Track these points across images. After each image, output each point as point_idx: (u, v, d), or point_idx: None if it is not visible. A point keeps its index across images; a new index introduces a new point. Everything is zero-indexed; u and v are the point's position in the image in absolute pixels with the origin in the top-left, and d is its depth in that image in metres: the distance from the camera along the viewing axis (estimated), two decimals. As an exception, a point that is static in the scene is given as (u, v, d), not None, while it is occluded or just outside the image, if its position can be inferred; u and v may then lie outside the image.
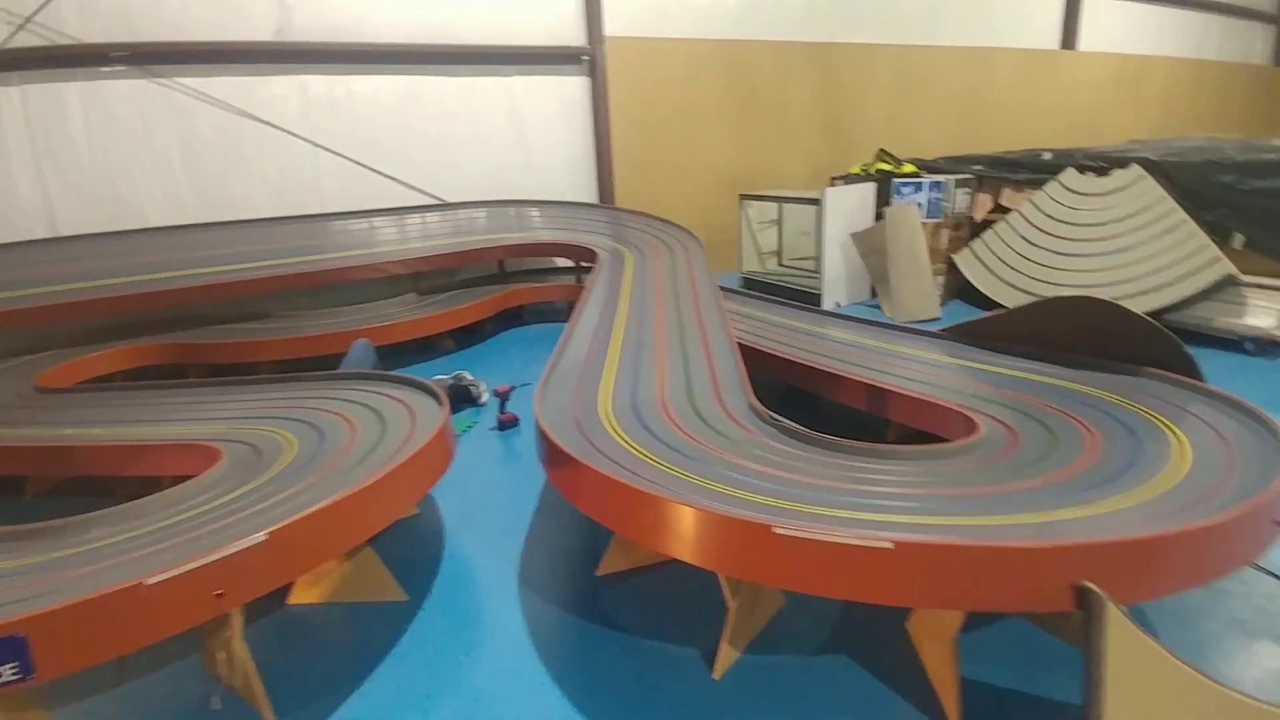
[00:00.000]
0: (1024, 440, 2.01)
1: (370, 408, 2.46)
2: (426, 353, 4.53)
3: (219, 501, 1.91)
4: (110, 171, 4.55)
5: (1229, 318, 3.88)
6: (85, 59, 4.40)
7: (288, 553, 1.53)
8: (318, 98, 5.00)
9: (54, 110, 4.39)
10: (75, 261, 4.25)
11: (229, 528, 1.65)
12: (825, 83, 6.72)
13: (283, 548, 1.48)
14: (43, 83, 4.35)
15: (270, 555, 1.45)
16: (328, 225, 5.01)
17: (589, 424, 2.04)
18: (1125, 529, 1.32)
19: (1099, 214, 4.42)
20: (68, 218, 4.50)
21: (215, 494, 1.99)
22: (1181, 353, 2.26)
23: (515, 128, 5.63)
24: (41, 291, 3.91)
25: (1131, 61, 8.97)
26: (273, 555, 1.46)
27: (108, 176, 4.55)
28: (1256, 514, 1.33)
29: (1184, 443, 1.82)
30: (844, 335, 3.37)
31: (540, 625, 1.92)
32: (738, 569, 1.38)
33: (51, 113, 4.38)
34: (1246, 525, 1.33)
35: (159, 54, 4.53)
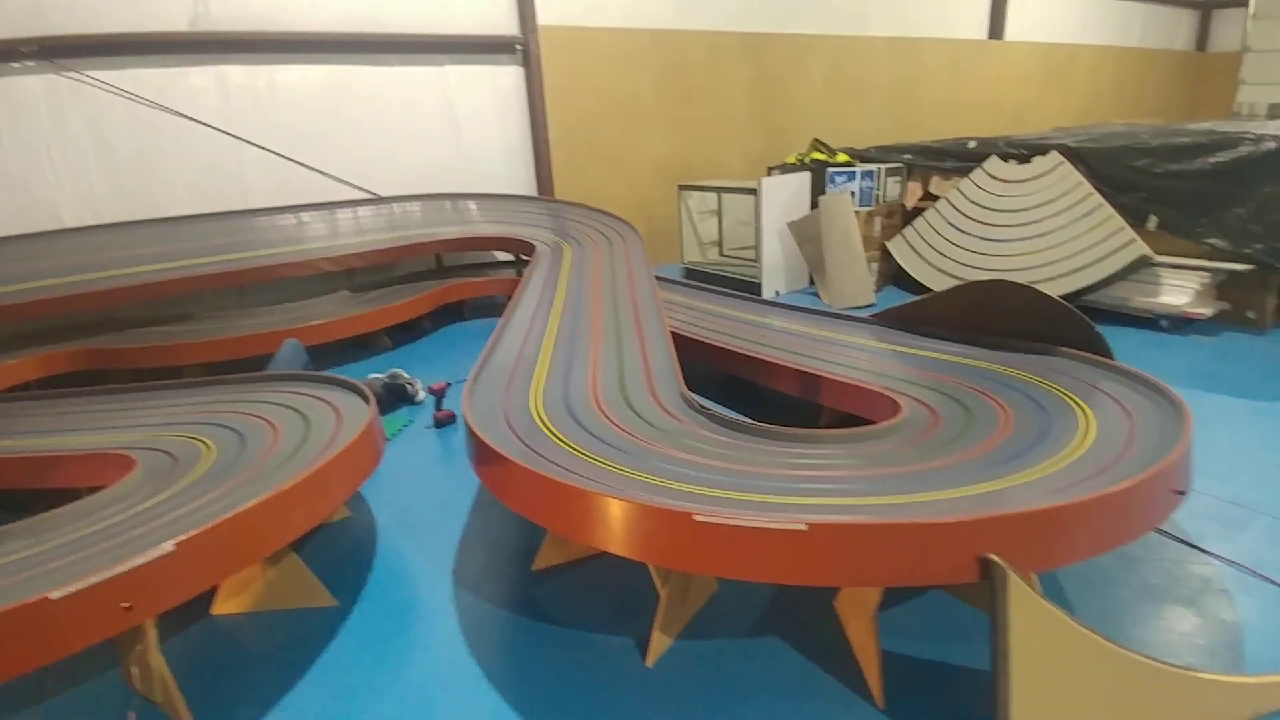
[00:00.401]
0: (943, 420, 2.07)
1: (294, 409, 2.39)
2: (362, 351, 4.42)
3: (131, 512, 1.83)
4: (22, 170, 4.30)
5: (1145, 297, 4.07)
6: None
7: (198, 563, 1.47)
8: (238, 89, 4.80)
9: (-41, 109, 4.13)
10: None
11: (139, 539, 1.58)
12: (761, 73, 6.78)
13: (192, 558, 1.42)
14: (-53, 81, 4.09)
15: (179, 566, 1.40)
16: (253, 221, 4.83)
17: (519, 420, 2.02)
18: (1026, 502, 1.38)
19: (1022, 200, 4.57)
20: (-26, 218, 4.24)
21: (128, 504, 1.90)
22: (1091, 332, 2.36)
23: (449, 119, 5.52)
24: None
25: (1057, 50, 9.31)
26: (182, 566, 1.41)
27: (19, 176, 4.30)
28: (1153, 484, 1.40)
29: (1090, 417, 1.90)
30: (779, 323, 3.41)
31: (475, 623, 1.90)
32: (662, 558, 1.38)
33: (-43, 112, 4.13)
34: (1144, 495, 1.39)
35: (69, 47, 4.29)
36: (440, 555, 2.20)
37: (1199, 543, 2.04)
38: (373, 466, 2.05)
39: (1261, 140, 3.79)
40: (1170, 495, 1.48)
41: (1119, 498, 1.34)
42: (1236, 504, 2.24)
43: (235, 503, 1.64)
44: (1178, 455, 1.48)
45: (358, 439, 1.91)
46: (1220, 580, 1.89)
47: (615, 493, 1.44)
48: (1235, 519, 2.16)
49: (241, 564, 1.66)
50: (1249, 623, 1.72)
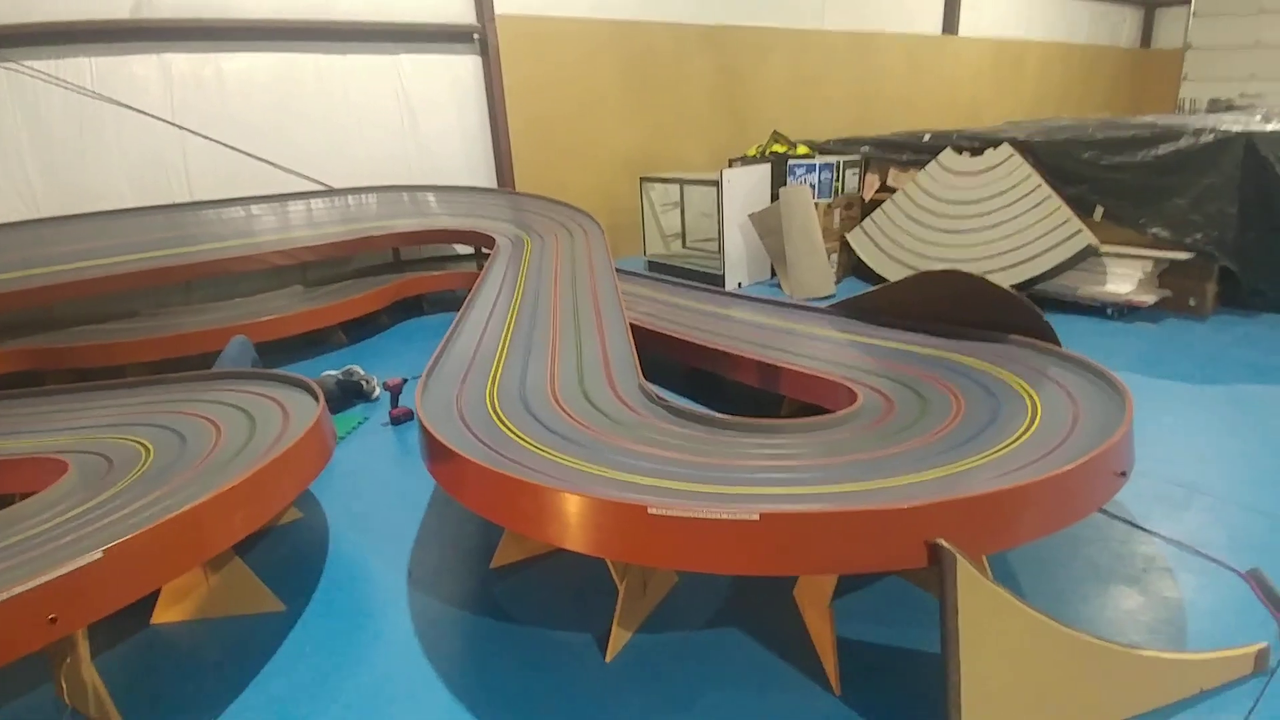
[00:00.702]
0: (898, 408, 2.10)
1: (239, 408, 2.31)
2: (316, 348, 4.32)
3: (62, 518, 1.75)
4: (-47, 165, 4.10)
5: (1092, 285, 4.17)
6: None
7: (129, 571, 1.41)
8: (183, 78, 4.63)
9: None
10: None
11: (66, 547, 1.51)
12: (723, 66, 6.78)
13: (123, 565, 1.36)
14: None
15: (108, 574, 1.34)
16: (199, 215, 4.67)
17: (474, 415, 1.99)
18: (974, 486, 1.39)
19: (975, 192, 4.65)
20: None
21: (59, 510, 1.82)
22: (1039, 320, 2.41)
23: (405, 109, 5.41)
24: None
25: (1008, 46, 9.50)
26: (111, 574, 1.34)
27: (-49, 171, 4.10)
28: (1096, 466, 1.43)
29: (1037, 402, 1.94)
30: (739, 314, 3.42)
31: (430, 624, 1.86)
32: (618, 552, 1.37)
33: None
34: (1086, 477, 1.42)
35: (5, 36, 4.08)
36: (395, 555, 2.16)
37: (1142, 522, 2.10)
38: (321, 466, 1.99)
39: (1201, 133, 3.91)
40: (1113, 477, 1.51)
41: (1063, 480, 1.37)
42: (1178, 484, 2.30)
43: (171, 507, 1.57)
44: (1119, 438, 1.51)
45: (304, 437, 1.86)
46: (1163, 559, 1.95)
47: (570, 488, 1.42)
48: (1177, 499, 2.23)
49: (175, 571, 1.59)
50: (1190, 600, 1.78)
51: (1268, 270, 3.91)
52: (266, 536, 2.30)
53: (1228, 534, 2.03)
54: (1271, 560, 1.87)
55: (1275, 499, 2.19)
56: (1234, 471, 2.38)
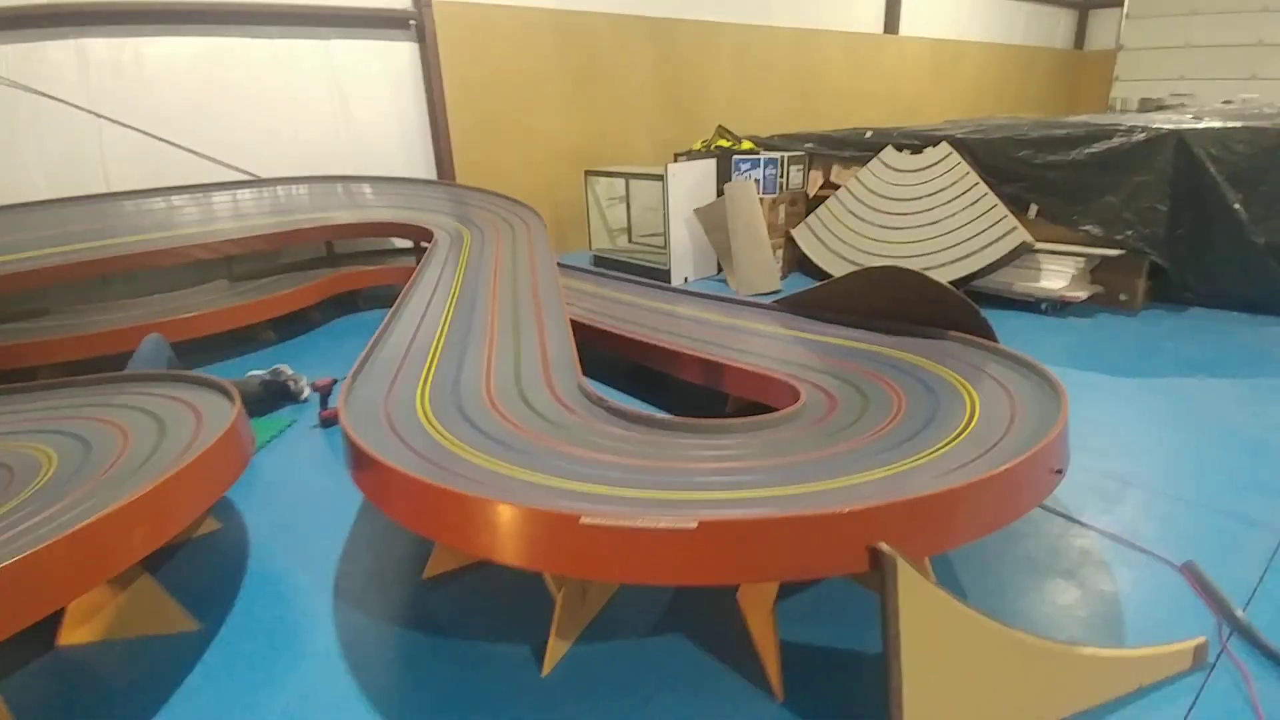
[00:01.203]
0: (840, 406, 2.08)
1: (148, 412, 2.15)
2: (242, 346, 4.11)
3: None
4: None
5: (1026, 282, 4.27)
6: None
7: (20, 593, 1.28)
8: (100, 64, 4.34)
9: None
10: None
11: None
12: (668, 58, 6.73)
13: (13, 588, 1.23)
14: None
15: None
16: (118, 206, 4.39)
17: (402, 419, 1.88)
18: (913, 488, 1.37)
19: (914, 189, 4.72)
20: None
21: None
22: (977, 316, 2.43)
23: (338, 97, 5.19)
24: None
25: (946, 46, 9.71)
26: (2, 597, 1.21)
27: None
28: (1033, 464, 1.42)
29: (975, 399, 1.94)
30: (684, 310, 3.38)
31: (356, 641, 1.76)
32: (550, 564, 1.30)
33: None
34: (1025, 475, 1.41)
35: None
36: (321, 567, 2.04)
37: (1078, 516, 2.13)
38: (236, 473, 1.86)
39: (1133, 132, 4.03)
40: (1050, 474, 1.51)
41: (1001, 480, 1.35)
42: (1112, 477, 2.35)
43: (67, 523, 1.43)
44: (1055, 436, 1.51)
45: (215, 444, 1.73)
46: (1098, 552, 1.98)
47: (498, 496, 1.34)
48: (1111, 492, 2.27)
49: (72, 593, 1.45)
50: (1127, 594, 1.80)
51: (1197, 266, 4.07)
52: (181, 550, 2.14)
53: (1162, 526, 2.08)
54: (1205, 552, 1.91)
55: (1206, 490, 2.25)
56: (1166, 463, 2.45)
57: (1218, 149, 3.91)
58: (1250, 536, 2.01)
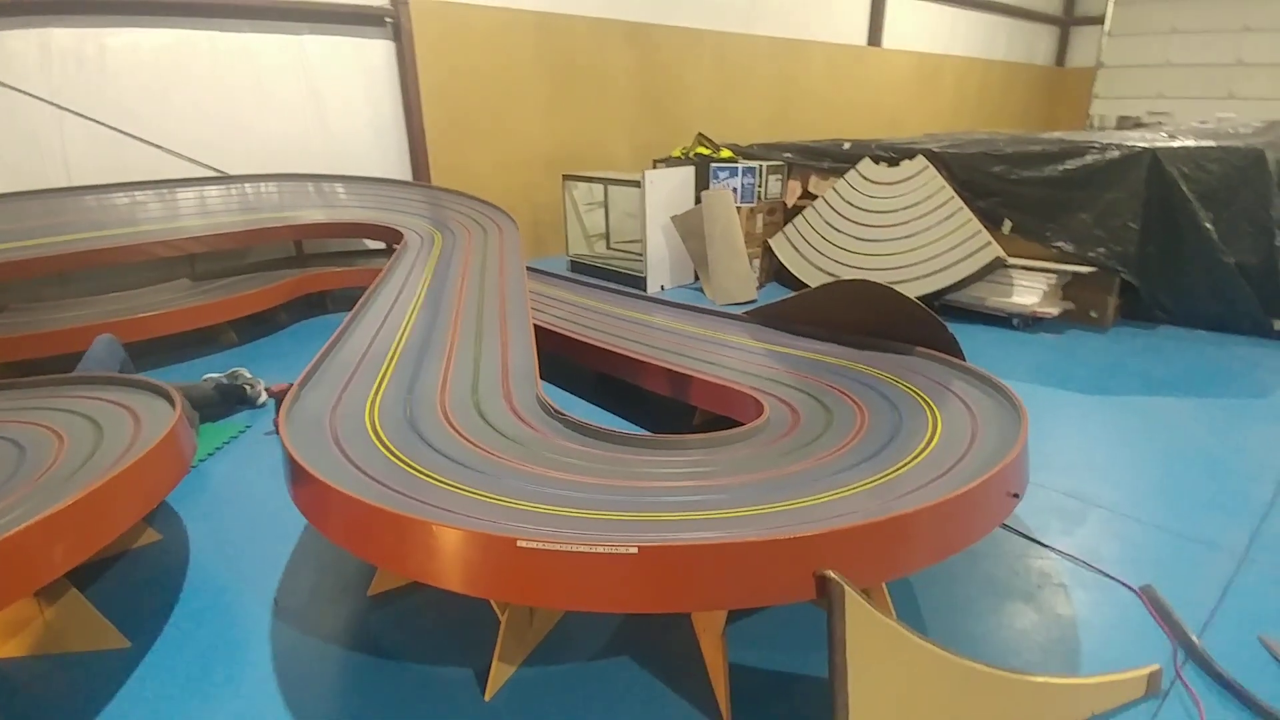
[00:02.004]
0: (803, 421, 2.04)
1: (86, 416, 2.06)
2: (203, 347, 4.01)
3: None
4: None
5: (999, 297, 4.28)
6: None
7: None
8: (63, 54, 4.22)
9: None
10: None
11: None
12: (648, 64, 6.71)
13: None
14: None
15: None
16: (79, 201, 4.27)
17: (348, 431, 1.82)
18: (864, 514, 1.33)
19: (891, 201, 4.72)
20: None
21: None
22: (944, 332, 2.40)
23: (310, 94, 5.10)
24: None
25: (928, 60, 9.79)
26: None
27: None
28: (987, 490, 1.39)
29: (938, 417, 1.91)
30: (654, 319, 3.33)
31: (294, 660, 1.69)
32: (487, 589, 1.24)
33: None
34: (978, 502, 1.38)
35: None
36: (263, 582, 1.96)
37: (1039, 536, 2.11)
38: (173, 482, 1.79)
39: (1106, 149, 4.05)
40: (1006, 498, 1.48)
41: (954, 506, 1.32)
42: (1074, 496, 2.34)
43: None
44: (1011, 460, 1.48)
45: (149, 452, 1.65)
46: (1058, 574, 1.95)
47: (437, 517, 1.28)
48: (1073, 512, 2.25)
49: None
50: (1084, 618, 1.78)
51: (1167, 284, 4.09)
52: (119, 561, 2.06)
53: (1122, 548, 2.06)
54: (1164, 576, 1.90)
55: (1169, 512, 2.24)
56: (1129, 484, 2.44)
57: (1190, 168, 3.93)
58: (1210, 559, 2.00)
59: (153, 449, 1.68)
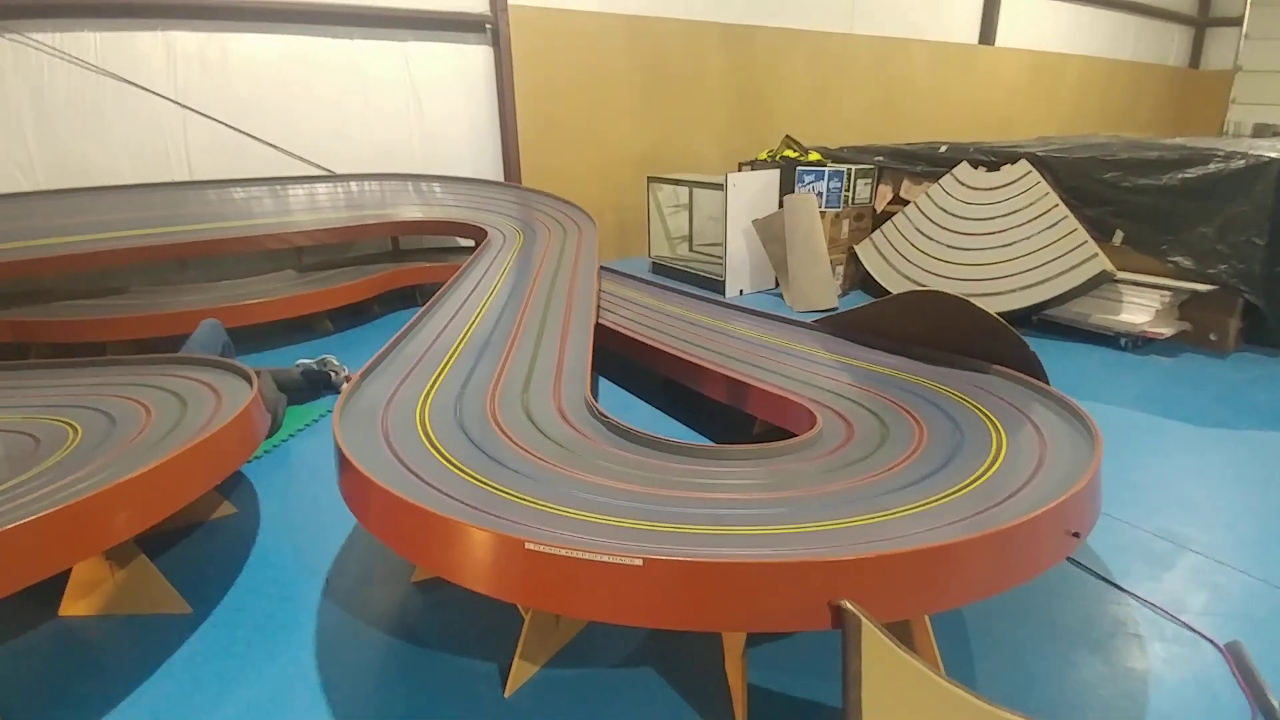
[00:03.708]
0: (857, 436, 1.94)
1: (173, 393, 2.24)
2: (301, 334, 4.27)
3: None
4: (-44, 135, 4.11)
5: (1105, 314, 3.95)
6: None
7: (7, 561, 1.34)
8: (187, 56, 4.61)
9: (-111, 68, 3.92)
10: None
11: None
12: (741, 66, 6.62)
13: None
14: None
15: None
16: (200, 194, 4.64)
17: (397, 425, 1.87)
18: (892, 542, 1.24)
19: (989, 208, 4.44)
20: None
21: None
22: (1024, 350, 2.23)
23: (412, 98, 5.34)
24: None
25: (1046, 59, 9.18)
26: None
27: (-47, 140, 4.11)
28: (1039, 526, 1.27)
29: (1003, 441, 1.78)
30: (722, 325, 3.28)
31: (333, 641, 1.75)
32: (493, 588, 1.24)
33: (-113, 71, 3.92)
34: (1027, 539, 1.26)
35: (12, 7, 4.09)
36: (319, 561, 2.06)
37: (1119, 579, 1.92)
38: (239, 460, 1.92)
39: (1231, 158, 3.66)
40: (1064, 537, 1.35)
41: (997, 541, 1.21)
42: (1165, 537, 2.12)
43: (78, 493, 1.50)
44: (1074, 494, 1.35)
45: (215, 433, 1.77)
46: (1135, 623, 1.77)
47: (455, 514, 1.29)
48: (1161, 555, 2.04)
49: (54, 567, 1.48)
50: (1157, 673, 1.60)
51: (1296, 307, 3.66)
52: (195, 532, 2.22)
53: (1212, 599, 1.85)
54: (1258, 633, 1.69)
55: (1272, 563, 1.99)
56: (1232, 527, 2.18)
57: (1328, 180, 3.50)
58: (1318, 621, 1.76)
59: (216, 431, 1.80)
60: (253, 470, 2.62)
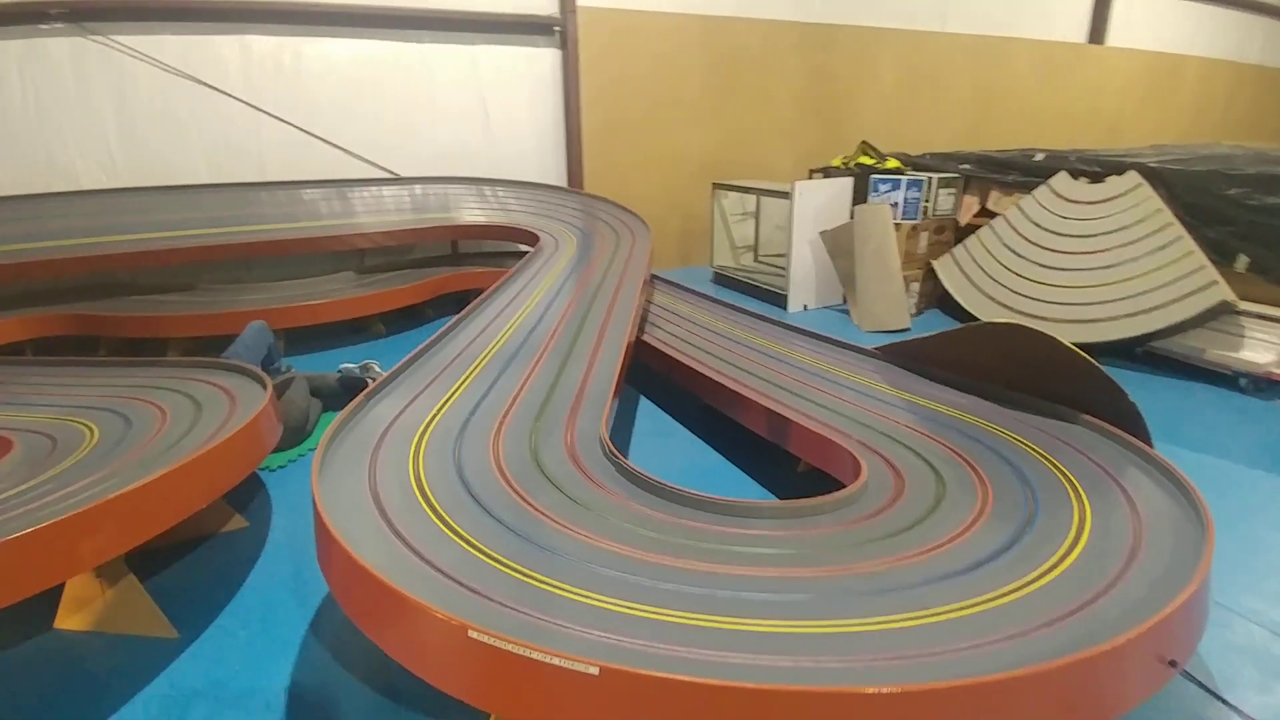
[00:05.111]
0: (906, 496, 1.67)
1: (189, 396, 2.19)
2: (354, 336, 4.26)
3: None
4: (44, 133, 4.29)
5: (1223, 350, 3.45)
6: (24, 16, 4.14)
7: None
8: (261, 60, 4.69)
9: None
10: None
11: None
12: (821, 68, 6.29)
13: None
14: (-19, 40, 4.10)
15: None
16: (271, 195, 4.71)
17: (388, 452, 1.72)
18: (929, 660, 0.98)
19: (1090, 224, 3.99)
20: (0, 178, 4.26)
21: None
22: (1121, 399, 1.89)
23: (477, 101, 5.29)
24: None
25: (1163, 60, 8.38)
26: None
27: (41, 138, 4.30)
28: (1127, 653, 0.99)
29: (1087, 519, 1.47)
30: (772, 346, 3.01)
31: (309, 681, 1.63)
32: (437, 678, 1.05)
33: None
34: (1105, 672, 0.98)
35: (98, 10, 4.26)
36: (313, 589, 1.94)
37: (1223, 689, 1.57)
38: (235, 478, 1.82)
39: (1389, 173, 3.13)
40: (1156, 666, 1.05)
41: (1069, 675, 0.94)
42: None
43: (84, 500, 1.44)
44: (1174, 611, 1.05)
45: (216, 447, 1.68)
46: (1245, 748, 1.43)
47: (392, 583, 1.10)
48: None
49: (37, 586, 1.42)
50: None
51: None
52: (201, 545, 2.15)
53: (1347, 725, 1.48)
54: None
55: None
56: (1377, 629, 1.78)
57: None
58: None
59: (202, 452, 1.70)
60: (273, 480, 2.55)
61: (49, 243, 3.88)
